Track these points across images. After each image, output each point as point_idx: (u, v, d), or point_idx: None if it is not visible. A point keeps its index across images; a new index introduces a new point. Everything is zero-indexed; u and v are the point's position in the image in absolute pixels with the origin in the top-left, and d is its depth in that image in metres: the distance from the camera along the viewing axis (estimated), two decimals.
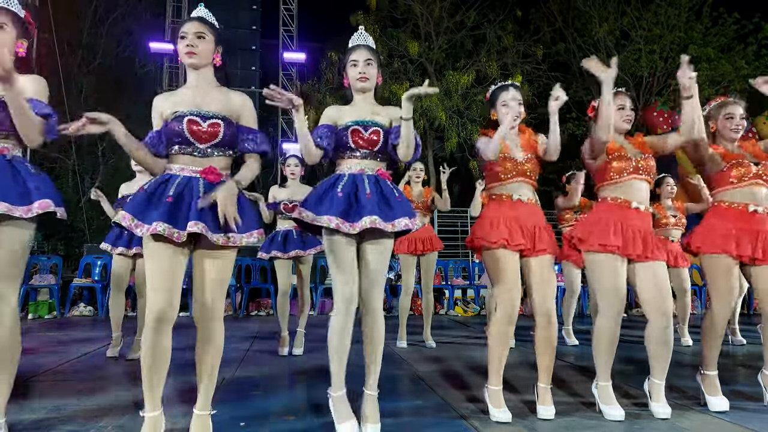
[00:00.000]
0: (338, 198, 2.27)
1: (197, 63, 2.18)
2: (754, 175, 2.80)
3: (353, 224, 2.22)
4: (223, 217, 1.99)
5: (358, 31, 2.50)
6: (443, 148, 12.94)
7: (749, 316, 7.71)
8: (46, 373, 3.47)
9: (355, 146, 2.35)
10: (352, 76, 2.43)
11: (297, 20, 13.49)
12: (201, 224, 1.98)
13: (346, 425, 2.22)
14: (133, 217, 1.99)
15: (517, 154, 2.67)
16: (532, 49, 13.44)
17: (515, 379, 3.27)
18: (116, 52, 14.42)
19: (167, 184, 2.07)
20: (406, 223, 2.28)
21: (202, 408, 2.13)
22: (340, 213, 2.23)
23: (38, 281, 7.14)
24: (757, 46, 13.01)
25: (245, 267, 7.97)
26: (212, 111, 2.13)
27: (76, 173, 12.70)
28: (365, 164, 2.37)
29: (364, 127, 2.35)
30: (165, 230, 1.95)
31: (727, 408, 2.66)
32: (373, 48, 2.46)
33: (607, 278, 2.59)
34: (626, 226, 2.59)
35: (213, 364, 2.15)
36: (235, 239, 2.07)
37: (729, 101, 2.92)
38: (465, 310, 7.94)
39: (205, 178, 2.09)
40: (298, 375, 3.60)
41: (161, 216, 1.97)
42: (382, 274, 2.35)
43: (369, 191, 2.28)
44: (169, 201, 2.01)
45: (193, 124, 2.09)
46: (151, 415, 2.02)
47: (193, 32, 2.15)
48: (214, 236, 2.02)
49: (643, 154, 2.69)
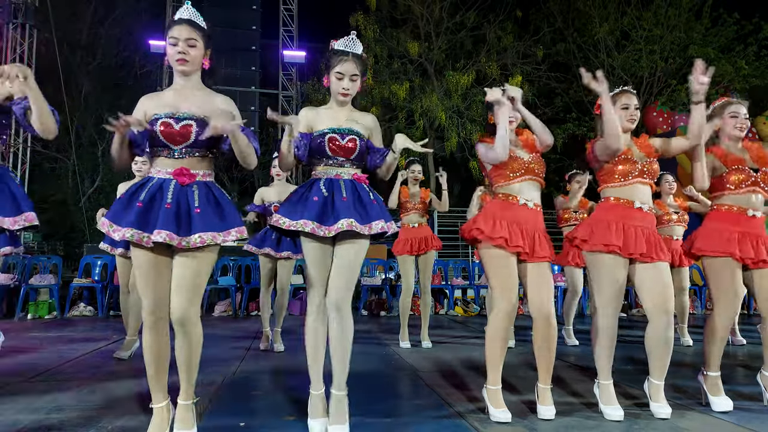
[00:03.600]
0: (313, 202, 2.28)
1: (188, 70, 2.21)
2: (753, 182, 2.80)
3: (329, 227, 2.24)
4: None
5: (350, 35, 2.43)
6: (443, 148, 12.92)
7: (749, 316, 7.70)
8: (46, 373, 3.47)
9: (331, 153, 2.36)
10: (334, 88, 2.40)
11: (297, 20, 13.47)
12: (165, 232, 2.01)
13: (314, 422, 2.31)
14: (111, 223, 2.06)
15: (523, 154, 2.67)
16: (532, 50, 13.41)
17: (515, 379, 3.27)
18: (116, 52, 14.41)
19: (142, 188, 2.12)
20: (383, 225, 2.29)
21: (185, 398, 2.17)
22: (316, 217, 2.25)
23: (38, 281, 7.13)
24: (757, 47, 13.00)
25: (245, 267, 7.97)
26: (187, 112, 2.15)
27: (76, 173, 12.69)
28: (341, 171, 2.38)
29: (341, 135, 2.36)
30: (134, 236, 2.02)
31: (730, 408, 2.66)
32: (361, 57, 2.40)
33: (608, 278, 2.59)
34: (628, 225, 2.59)
35: (190, 358, 2.15)
36: (204, 239, 2.06)
37: (733, 101, 2.92)
38: (465, 310, 7.93)
39: (177, 179, 2.12)
40: (298, 375, 3.59)
41: (130, 222, 2.03)
42: (353, 272, 2.34)
43: (345, 195, 2.30)
44: (139, 206, 2.06)
45: (165, 126, 2.12)
46: (158, 406, 2.13)
47: (184, 39, 2.16)
48: (183, 241, 2.04)
49: (648, 158, 2.68)
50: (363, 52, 2.44)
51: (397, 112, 12.79)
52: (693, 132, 2.63)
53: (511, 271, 2.58)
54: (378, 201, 2.37)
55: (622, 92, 2.72)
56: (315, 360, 2.38)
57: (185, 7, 2.23)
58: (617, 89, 2.75)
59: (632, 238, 2.57)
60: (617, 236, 2.56)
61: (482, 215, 2.66)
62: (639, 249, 2.56)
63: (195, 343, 2.13)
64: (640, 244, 2.56)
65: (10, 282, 7.13)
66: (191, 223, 2.07)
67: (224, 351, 4.42)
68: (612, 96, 2.68)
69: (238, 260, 8.00)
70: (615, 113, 2.57)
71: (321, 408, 2.35)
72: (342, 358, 2.30)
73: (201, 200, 2.11)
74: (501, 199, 2.66)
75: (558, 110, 13.81)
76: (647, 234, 2.60)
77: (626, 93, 2.72)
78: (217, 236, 2.09)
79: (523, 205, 2.62)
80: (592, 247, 2.62)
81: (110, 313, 7.21)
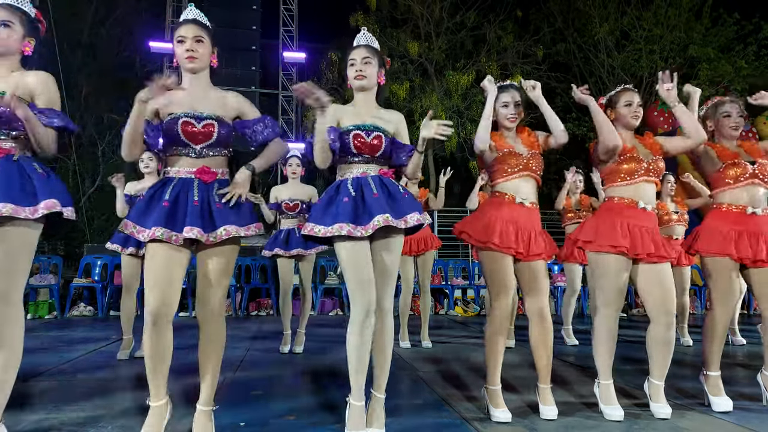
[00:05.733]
0: (344, 204, 2.23)
1: (197, 67, 2.21)
2: (751, 174, 2.80)
3: (365, 226, 2.19)
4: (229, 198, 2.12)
5: (361, 31, 2.48)
6: (443, 148, 12.92)
7: (749, 316, 7.70)
8: (46, 373, 3.47)
9: (357, 151, 2.31)
10: (350, 75, 2.41)
11: (297, 20, 13.48)
12: (196, 229, 2.04)
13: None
14: (135, 224, 2.07)
15: (522, 149, 2.66)
16: (532, 50, 13.42)
17: (515, 379, 3.27)
18: (116, 52, 14.41)
19: (164, 188, 2.13)
20: (418, 218, 2.26)
21: (206, 403, 2.18)
22: (350, 218, 2.19)
23: (38, 281, 7.13)
24: (757, 47, 12.99)
25: (245, 267, 7.97)
26: (206, 112, 2.17)
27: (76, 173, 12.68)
28: (368, 168, 2.34)
29: (366, 132, 2.32)
30: (163, 234, 2.02)
31: (730, 408, 2.66)
32: (373, 47, 2.43)
33: (611, 278, 2.59)
34: (633, 225, 2.59)
35: (216, 361, 2.19)
36: (230, 231, 2.09)
37: (725, 100, 2.93)
38: (465, 310, 7.93)
39: (200, 178, 2.14)
40: (298, 375, 3.60)
41: (158, 221, 2.04)
42: (394, 273, 2.32)
43: (375, 191, 2.26)
44: (166, 206, 2.07)
45: (187, 126, 2.12)
46: (156, 404, 2.11)
47: (191, 36, 2.18)
48: (210, 236, 2.07)
49: (654, 156, 2.69)
50: (373, 42, 2.44)
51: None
52: (689, 131, 2.64)
53: (506, 271, 2.57)
54: (408, 194, 2.33)
55: (624, 90, 2.73)
56: (360, 371, 2.22)
57: (190, 9, 2.25)
58: (618, 87, 2.77)
59: (639, 239, 2.57)
60: (624, 237, 2.56)
61: (475, 218, 2.67)
62: (646, 249, 2.55)
63: (221, 342, 2.18)
64: (647, 244, 2.56)
65: None
66: (214, 219, 2.10)
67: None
68: (615, 94, 2.76)
69: (238, 260, 7.98)
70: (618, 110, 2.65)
71: (361, 420, 2.21)
72: (386, 361, 2.30)
73: (220, 196, 2.15)
74: (496, 199, 2.65)
75: (558, 110, 13.72)
76: (652, 234, 2.60)
77: (628, 90, 2.73)
78: (240, 229, 2.12)
79: (519, 204, 2.61)
80: (597, 247, 2.61)
81: (110, 313, 7.21)
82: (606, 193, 2.75)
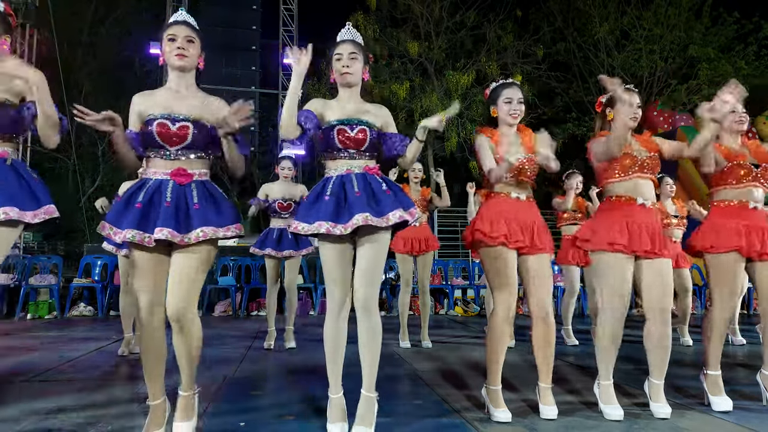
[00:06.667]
0: (326, 201, 2.25)
1: (186, 66, 2.21)
2: (753, 177, 2.81)
3: (344, 225, 2.20)
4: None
5: (345, 26, 2.46)
6: (443, 148, 12.92)
7: (749, 316, 7.70)
8: (46, 373, 3.46)
9: (341, 146, 2.32)
10: (336, 69, 2.40)
11: (297, 20, 13.49)
12: (167, 230, 2.03)
13: (333, 427, 2.24)
14: (111, 226, 2.08)
15: (520, 153, 2.64)
16: (532, 49, 13.42)
17: (515, 379, 3.27)
18: (116, 52, 14.42)
19: (140, 190, 2.13)
20: (401, 214, 2.23)
21: (186, 389, 2.19)
22: (330, 216, 2.22)
23: (38, 281, 7.13)
24: (757, 46, 13.00)
25: (245, 267, 7.96)
26: (183, 114, 2.16)
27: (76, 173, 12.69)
28: (352, 164, 2.34)
29: (350, 127, 2.32)
30: (135, 236, 2.03)
31: (730, 408, 2.66)
32: (359, 43, 2.42)
33: (613, 278, 2.58)
34: (632, 222, 2.59)
35: (189, 353, 2.16)
36: (207, 233, 2.08)
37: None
38: (465, 310, 7.93)
39: (175, 179, 2.13)
40: (297, 375, 3.59)
41: (131, 223, 2.04)
42: (377, 272, 2.31)
43: (357, 189, 2.26)
44: (138, 207, 2.07)
45: (161, 127, 2.12)
46: (154, 403, 2.14)
47: (183, 36, 2.19)
48: (184, 238, 2.06)
49: (649, 152, 2.69)
50: (357, 38, 2.43)
51: (397, 112, 12.80)
52: (698, 145, 2.63)
53: (510, 269, 2.57)
54: (393, 190, 2.32)
55: (625, 90, 2.72)
56: (334, 362, 2.31)
57: (181, 12, 2.28)
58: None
59: (636, 235, 2.56)
60: (621, 234, 2.56)
61: (478, 219, 2.67)
62: (643, 246, 2.55)
63: (194, 338, 2.14)
64: (644, 240, 2.56)
65: (10, 282, 7.13)
66: (191, 220, 2.08)
67: (224, 351, 4.42)
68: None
69: (238, 260, 7.99)
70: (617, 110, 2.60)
71: (340, 412, 2.27)
72: (373, 359, 2.27)
73: (199, 197, 2.13)
74: (494, 197, 2.65)
75: (558, 110, 13.81)
76: (650, 231, 2.60)
77: (629, 91, 2.72)
78: (218, 230, 2.11)
79: (516, 198, 2.62)
80: (595, 246, 2.61)
81: (110, 313, 7.21)
82: (604, 192, 2.75)
